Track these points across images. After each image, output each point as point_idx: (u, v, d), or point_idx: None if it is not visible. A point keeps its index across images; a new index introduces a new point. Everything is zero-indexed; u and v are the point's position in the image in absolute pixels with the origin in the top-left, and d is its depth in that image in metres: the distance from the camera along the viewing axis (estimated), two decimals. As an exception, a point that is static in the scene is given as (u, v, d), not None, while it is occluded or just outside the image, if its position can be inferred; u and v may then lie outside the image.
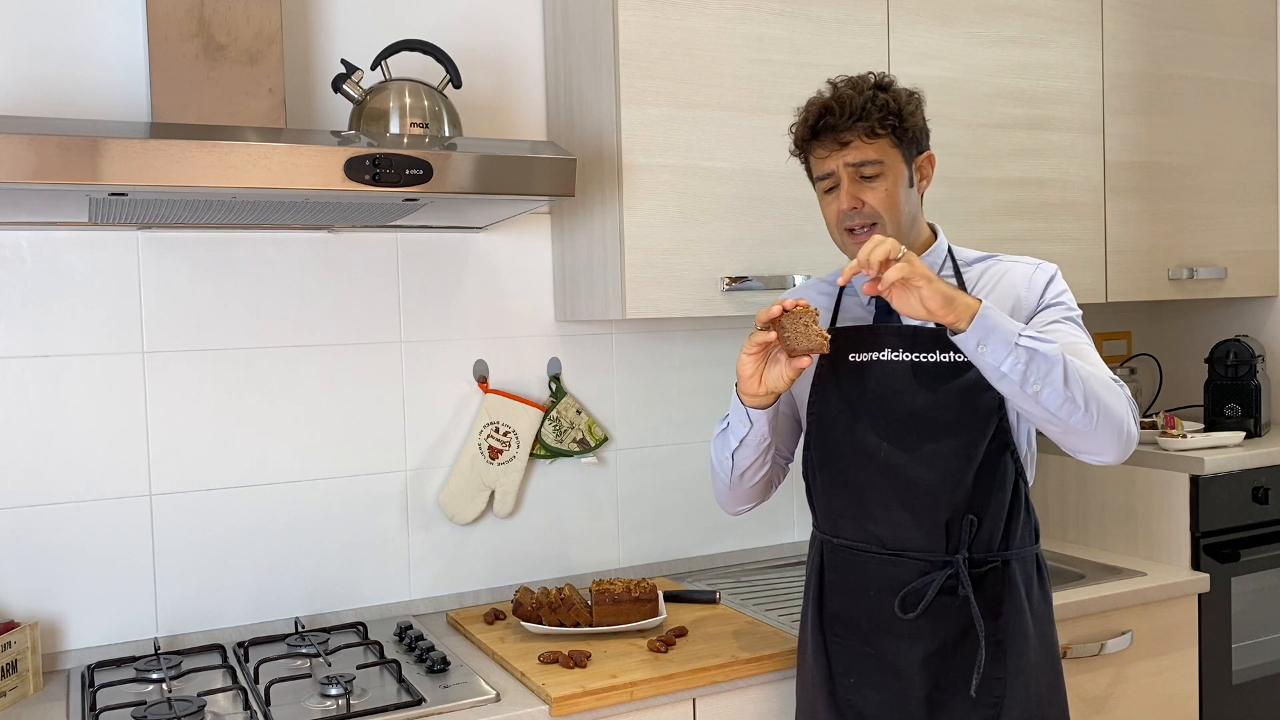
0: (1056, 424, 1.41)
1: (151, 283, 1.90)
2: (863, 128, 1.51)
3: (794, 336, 1.44)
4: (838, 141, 1.53)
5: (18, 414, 1.82)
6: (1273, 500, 2.36)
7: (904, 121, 1.53)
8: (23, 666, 1.71)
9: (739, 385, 1.52)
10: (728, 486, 1.66)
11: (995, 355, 1.36)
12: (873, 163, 1.53)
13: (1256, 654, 2.33)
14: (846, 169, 1.53)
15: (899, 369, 1.56)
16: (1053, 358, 1.37)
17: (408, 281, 2.10)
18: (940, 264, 1.62)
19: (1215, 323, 2.94)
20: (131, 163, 1.44)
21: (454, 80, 1.90)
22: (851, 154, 1.53)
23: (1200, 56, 2.60)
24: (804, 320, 1.44)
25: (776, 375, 1.49)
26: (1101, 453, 1.45)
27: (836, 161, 1.54)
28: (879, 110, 1.51)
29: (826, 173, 1.56)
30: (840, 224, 1.56)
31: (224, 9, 1.71)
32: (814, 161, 1.58)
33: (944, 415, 1.53)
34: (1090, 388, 1.40)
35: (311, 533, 2.03)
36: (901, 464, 1.54)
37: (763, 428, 1.56)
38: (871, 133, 1.52)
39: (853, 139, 1.52)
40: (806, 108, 1.57)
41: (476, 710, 1.60)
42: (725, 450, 1.61)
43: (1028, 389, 1.37)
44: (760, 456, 1.60)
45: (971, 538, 1.53)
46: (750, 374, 1.49)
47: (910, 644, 1.55)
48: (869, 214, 1.54)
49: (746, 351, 1.48)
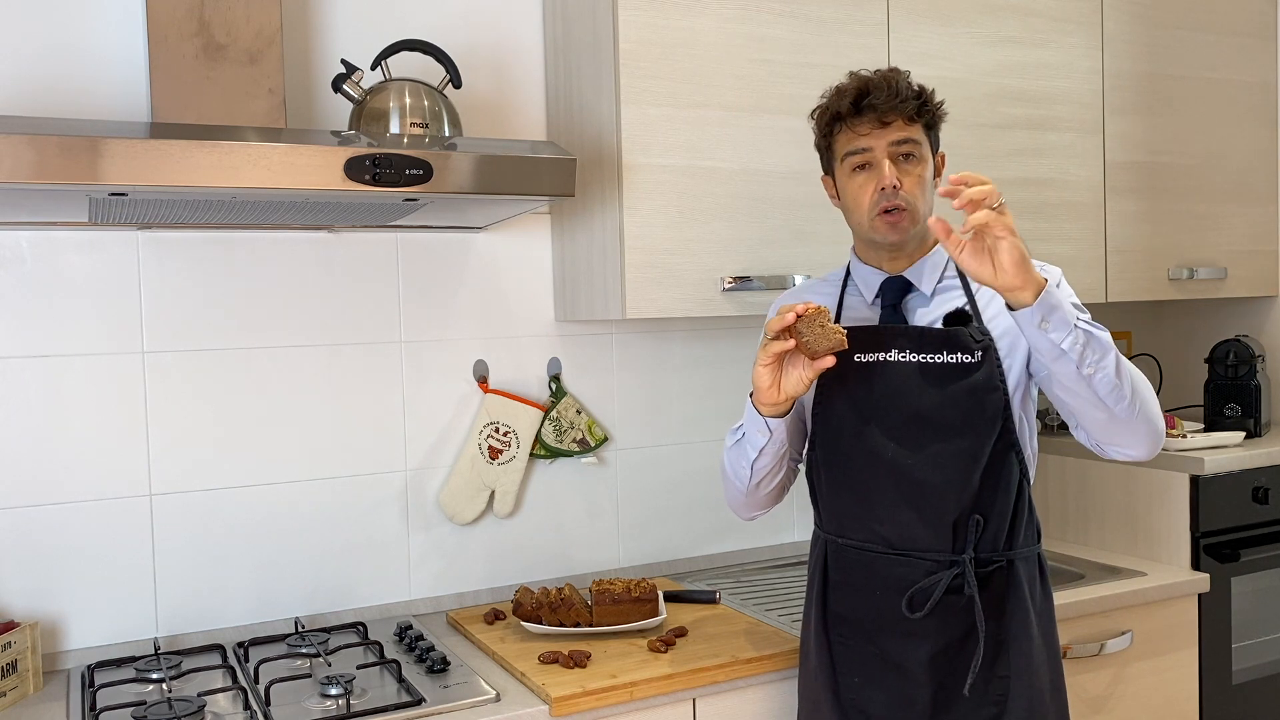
0: (1102, 410, 1.43)
1: (151, 283, 1.90)
2: (905, 109, 1.51)
3: (813, 339, 1.45)
4: (880, 120, 1.52)
5: (18, 414, 1.82)
6: (1273, 500, 2.36)
7: (935, 114, 1.56)
8: (23, 666, 1.71)
9: (756, 397, 1.52)
10: (744, 495, 1.66)
11: (1058, 333, 1.38)
12: (914, 142, 1.53)
13: (1256, 654, 2.33)
14: (889, 147, 1.52)
15: (906, 370, 1.55)
16: (1107, 344, 1.41)
17: (408, 281, 2.10)
18: (944, 264, 1.61)
19: (1215, 323, 2.94)
20: (131, 163, 1.43)
21: (454, 80, 1.90)
22: (894, 133, 1.52)
23: (1200, 56, 2.60)
24: (819, 321, 1.44)
25: (796, 380, 1.49)
26: (1136, 447, 1.49)
27: (878, 140, 1.52)
28: (917, 96, 1.53)
29: (861, 148, 1.53)
30: (874, 205, 1.54)
31: (224, 9, 1.71)
32: (846, 138, 1.55)
33: (951, 416, 1.52)
34: (1135, 379, 1.45)
35: (311, 533, 2.03)
36: (909, 464, 1.54)
37: (781, 435, 1.56)
38: (911, 117, 1.52)
39: (895, 119, 1.52)
40: (841, 88, 1.56)
41: (476, 710, 1.60)
42: (744, 461, 1.61)
43: (1084, 370, 1.40)
44: (778, 463, 1.61)
45: (978, 538, 1.53)
46: (769, 384, 1.49)
47: (916, 643, 1.55)
48: (904, 197, 1.52)
49: (762, 363, 1.48)
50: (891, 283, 1.60)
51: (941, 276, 1.61)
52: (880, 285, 1.61)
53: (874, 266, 1.63)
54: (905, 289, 1.60)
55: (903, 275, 1.60)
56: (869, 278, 1.63)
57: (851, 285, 1.67)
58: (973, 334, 1.53)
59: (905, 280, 1.60)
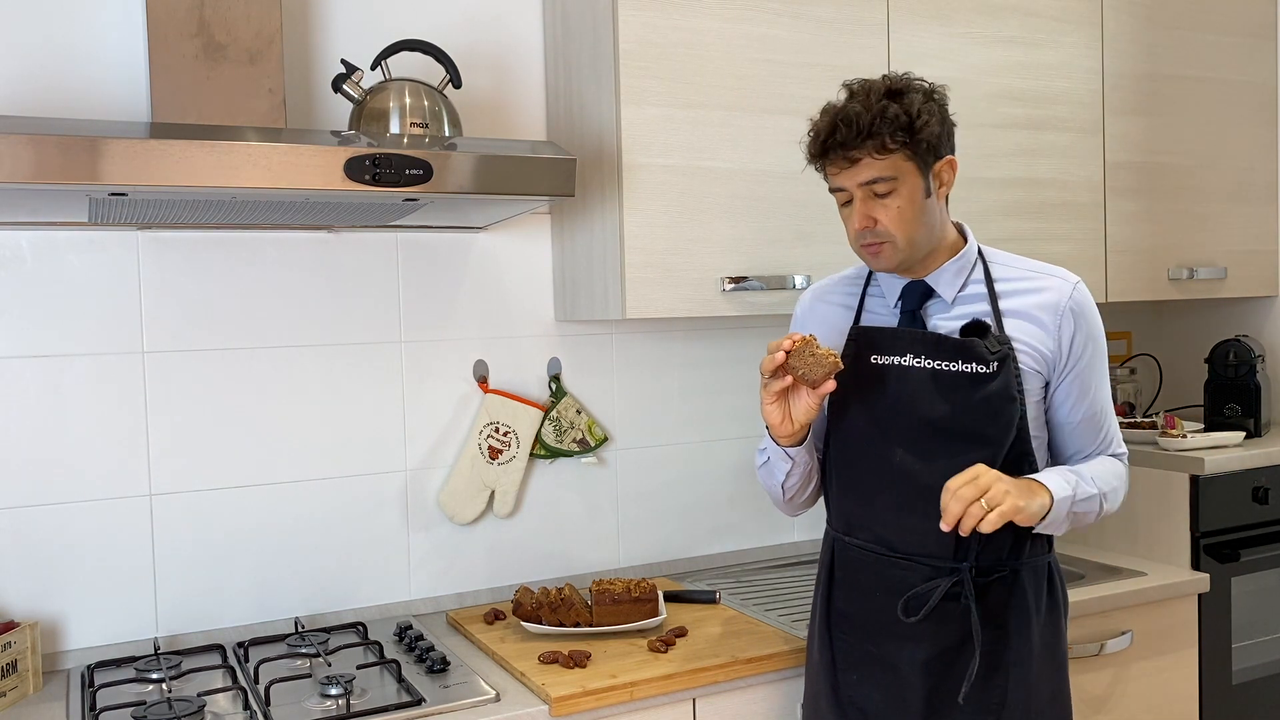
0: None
1: (151, 283, 1.90)
2: (872, 145, 1.46)
3: (807, 370, 1.47)
4: (847, 159, 1.49)
5: (18, 414, 1.82)
6: (1273, 500, 2.36)
7: (916, 134, 1.46)
8: (23, 666, 1.71)
9: (772, 431, 1.57)
10: (785, 503, 1.71)
11: (1053, 528, 1.54)
12: (885, 179, 1.48)
13: (1256, 654, 2.33)
14: (859, 188, 1.50)
15: (919, 375, 1.55)
16: (1092, 499, 1.55)
17: (408, 281, 2.10)
18: (969, 269, 1.59)
19: (1215, 323, 2.94)
20: (131, 163, 1.43)
21: (454, 80, 1.90)
22: (863, 172, 1.48)
23: (1200, 56, 2.60)
24: (809, 351, 1.46)
25: (804, 408, 1.53)
26: None
27: (848, 180, 1.51)
28: (888, 125, 1.45)
29: (839, 187, 1.54)
30: (857, 240, 1.55)
31: (224, 9, 1.71)
32: (828, 175, 1.55)
33: (963, 425, 1.52)
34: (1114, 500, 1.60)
35: (311, 533, 2.03)
36: (916, 470, 1.54)
37: (804, 457, 1.61)
38: (882, 149, 1.46)
39: (862, 156, 1.47)
40: (816, 122, 1.53)
41: (476, 710, 1.60)
42: (774, 480, 1.66)
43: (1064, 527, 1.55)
44: (807, 477, 1.66)
45: (981, 547, 1.53)
46: (781, 419, 1.54)
47: (912, 647, 1.55)
48: (881, 232, 1.51)
49: (767, 402, 1.53)
50: (912, 287, 1.59)
51: (965, 284, 1.58)
52: (901, 290, 1.60)
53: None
54: (925, 294, 1.59)
55: (923, 280, 1.59)
56: (890, 281, 1.62)
57: (874, 286, 1.66)
58: (989, 344, 1.51)
59: (926, 286, 1.59)
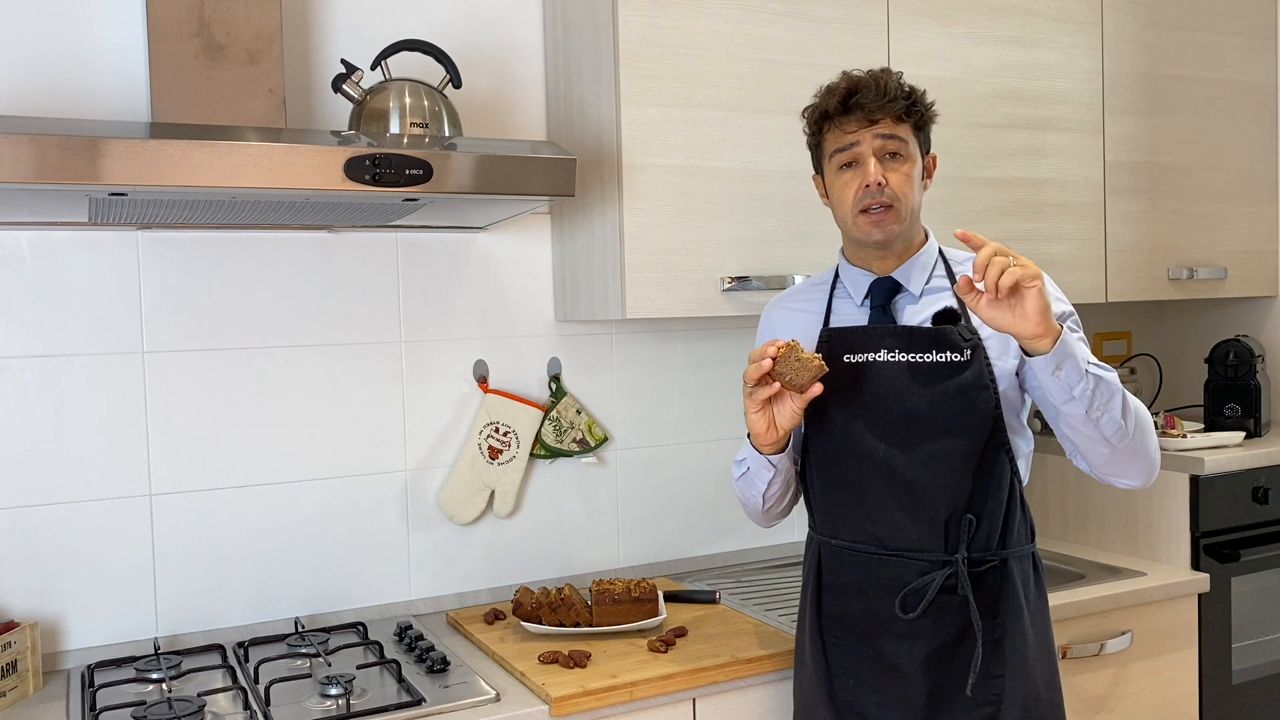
0: (1106, 447, 1.47)
1: (151, 283, 1.90)
2: (893, 109, 1.53)
3: (793, 375, 1.48)
4: (867, 119, 1.53)
5: (18, 414, 1.82)
6: (1273, 500, 2.36)
7: (923, 115, 1.57)
8: (23, 666, 1.72)
9: (755, 440, 1.57)
10: (761, 514, 1.71)
11: (1070, 378, 1.40)
12: (901, 140, 1.54)
13: (1256, 654, 2.33)
14: (875, 142, 1.53)
15: (895, 369, 1.56)
16: (1114, 386, 1.44)
17: (408, 281, 2.10)
18: (932, 264, 1.62)
19: (1215, 323, 2.94)
20: (131, 163, 1.44)
21: (454, 80, 1.90)
22: (881, 130, 1.53)
23: (1200, 56, 2.60)
24: (794, 356, 1.47)
25: (788, 414, 1.53)
26: (1134, 478, 1.54)
27: (864, 136, 1.54)
28: (905, 97, 1.54)
29: (848, 144, 1.55)
30: (857, 203, 1.55)
31: (224, 9, 1.71)
32: (834, 136, 1.57)
33: (941, 415, 1.53)
34: (1139, 417, 1.48)
35: (311, 533, 2.03)
36: (900, 464, 1.54)
37: (786, 465, 1.61)
38: (900, 116, 1.54)
39: (883, 118, 1.53)
40: (831, 87, 1.58)
41: (476, 710, 1.60)
42: (754, 491, 1.66)
43: (1092, 414, 1.43)
44: (787, 485, 1.66)
45: (970, 537, 1.53)
46: (765, 427, 1.54)
47: (910, 644, 1.55)
48: (890, 195, 1.53)
49: (752, 410, 1.53)
50: (880, 284, 1.61)
51: (930, 277, 1.61)
52: (869, 286, 1.61)
53: (861, 268, 1.63)
54: (894, 290, 1.60)
55: (891, 276, 1.61)
56: (857, 279, 1.63)
57: (840, 287, 1.67)
58: (961, 333, 1.54)
59: (893, 281, 1.60)
